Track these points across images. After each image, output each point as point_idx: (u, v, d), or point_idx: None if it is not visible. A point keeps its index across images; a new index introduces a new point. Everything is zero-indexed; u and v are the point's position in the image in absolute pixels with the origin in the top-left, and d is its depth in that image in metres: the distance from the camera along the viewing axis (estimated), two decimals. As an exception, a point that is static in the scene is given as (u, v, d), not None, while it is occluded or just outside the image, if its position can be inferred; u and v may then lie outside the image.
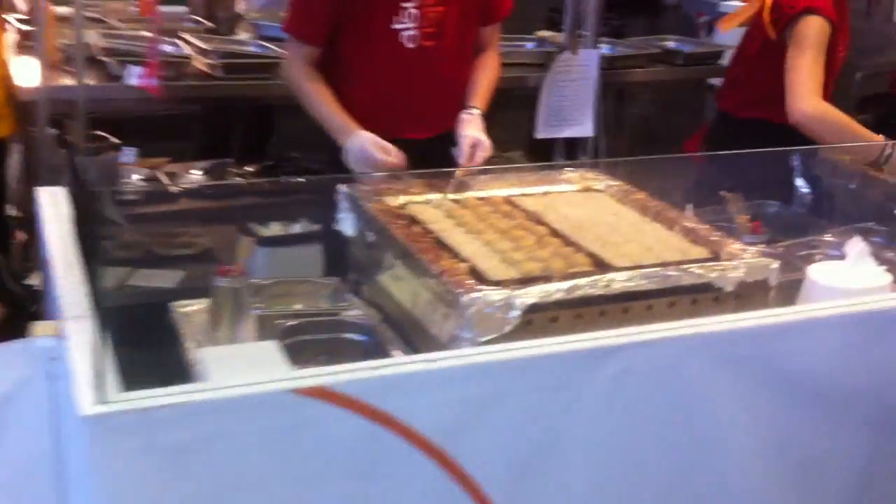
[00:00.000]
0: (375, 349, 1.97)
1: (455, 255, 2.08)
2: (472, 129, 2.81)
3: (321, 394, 1.40)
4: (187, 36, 3.89)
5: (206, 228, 4.58)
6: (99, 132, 4.68)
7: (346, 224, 2.44)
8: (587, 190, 2.57)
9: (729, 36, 4.85)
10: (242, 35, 4.24)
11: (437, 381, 1.49)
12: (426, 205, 2.39)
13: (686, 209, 2.60)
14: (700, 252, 2.14)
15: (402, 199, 2.41)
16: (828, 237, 2.57)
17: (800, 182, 2.94)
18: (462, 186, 2.54)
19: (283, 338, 1.97)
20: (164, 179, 4.55)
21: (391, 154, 2.66)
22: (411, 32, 2.78)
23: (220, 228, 4.49)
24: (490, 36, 3.04)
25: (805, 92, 2.92)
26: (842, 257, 2.39)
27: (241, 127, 5.55)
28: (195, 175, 4.63)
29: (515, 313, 1.86)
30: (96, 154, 4.53)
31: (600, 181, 2.62)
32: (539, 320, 1.92)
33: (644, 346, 1.63)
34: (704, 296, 2.05)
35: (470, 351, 1.55)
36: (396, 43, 2.78)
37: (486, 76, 2.99)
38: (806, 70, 2.95)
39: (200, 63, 3.69)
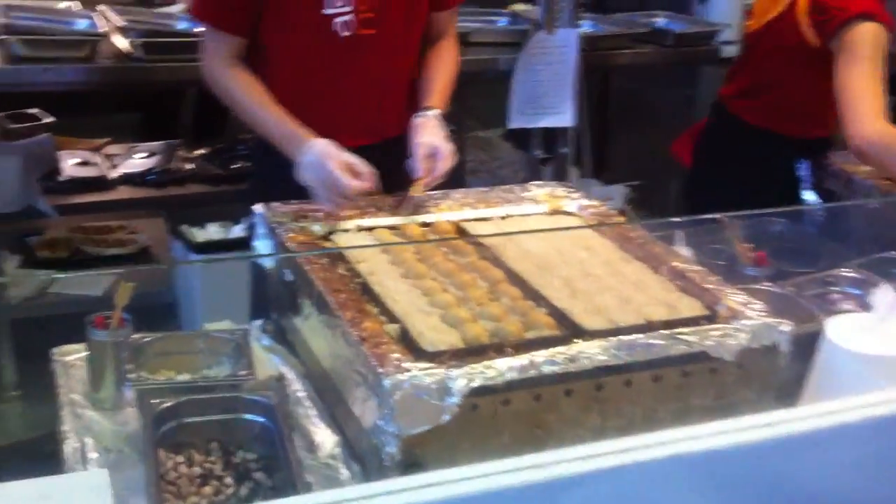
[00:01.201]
0: (274, 437, 1.54)
1: (384, 309, 1.65)
2: (428, 134, 2.27)
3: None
4: (105, 9, 3.41)
5: (146, 222, 4.15)
6: (29, 110, 4.24)
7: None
8: (556, 212, 2.14)
9: (725, 12, 4.41)
10: (175, 7, 3.75)
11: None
12: (356, 234, 1.96)
13: (676, 236, 2.18)
14: (692, 307, 1.72)
15: (327, 227, 1.98)
16: (845, 272, 2.15)
17: (809, 197, 2.51)
18: (402, 207, 2.10)
19: (161, 421, 1.54)
20: (103, 164, 4.11)
21: (362, 175, 2.09)
22: (346, 18, 2.30)
23: (161, 223, 4.06)
24: (445, 21, 2.54)
25: (865, 113, 2.43)
26: (863, 297, 1.99)
27: (192, 102, 5.10)
28: (138, 159, 4.18)
29: (453, 400, 1.44)
30: (28, 135, 4.09)
31: (573, 200, 2.19)
32: (487, 405, 1.50)
33: (614, 473, 1.20)
34: (698, 367, 1.63)
35: (370, 490, 1.12)
36: (328, 31, 2.29)
37: (442, 70, 2.48)
38: (863, 87, 2.47)
39: (118, 42, 3.21)
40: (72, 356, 1.93)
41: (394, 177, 2.25)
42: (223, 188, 3.99)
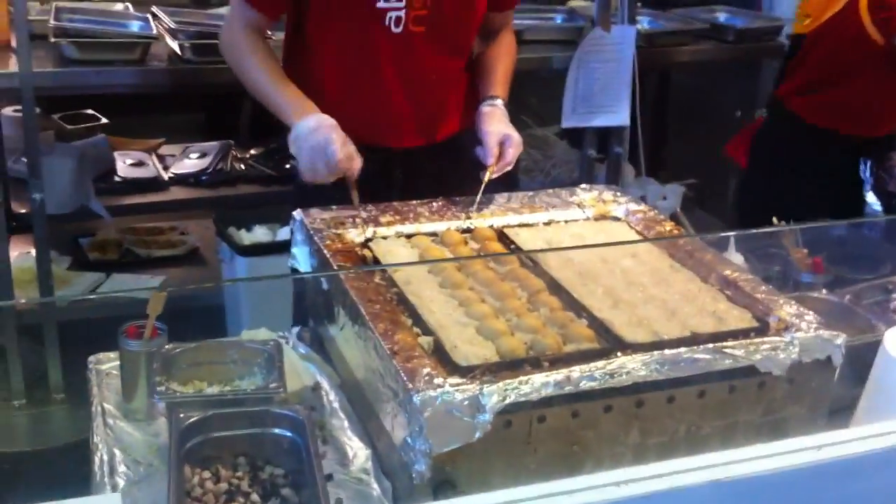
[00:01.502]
0: (303, 452, 1.50)
1: (418, 320, 1.60)
2: (497, 123, 2.25)
3: None
4: (158, 11, 3.40)
5: (197, 222, 4.16)
6: (86, 110, 4.27)
7: (301, 262, 1.97)
8: (602, 217, 2.07)
9: (794, 4, 4.28)
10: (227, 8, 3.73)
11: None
12: (395, 241, 1.91)
13: (729, 242, 2.10)
14: (741, 319, 1.64)
15: (367, 233, 1.93)
16: (907, 280, 2.05)
17: (871, 199, 2.40)
18: (443, 212, 2.05)
19: (188, 435, 1.51)
20: (156, 164, 4.11)
21: (353, 159, 2.08)
22: (399, 14, 2.24)
23: (209, 224, 4.05)
24: (505, 18, 2.50)
25: None
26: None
27: (250, 101, 5.09)
28: (192, 159, 4.19)
29: (485, 417, 1.38)
30: (84, 136, 4.12)
31: (620, 204, 2.11)
32: (521, 422, 1.44)
33: (650, 500, 1.13)
34: (746, 381, 1.55)
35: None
36: (380, 26, 2.23)
37: (503, 61, 2.44)
38: None
39: (170, 43, 3.20)
40: (107, 364, 1.91)
41: (445, 180, 2.21)
42: (274, 188, 3.98)
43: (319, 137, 2.07)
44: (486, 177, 2.13)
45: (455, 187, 2.16)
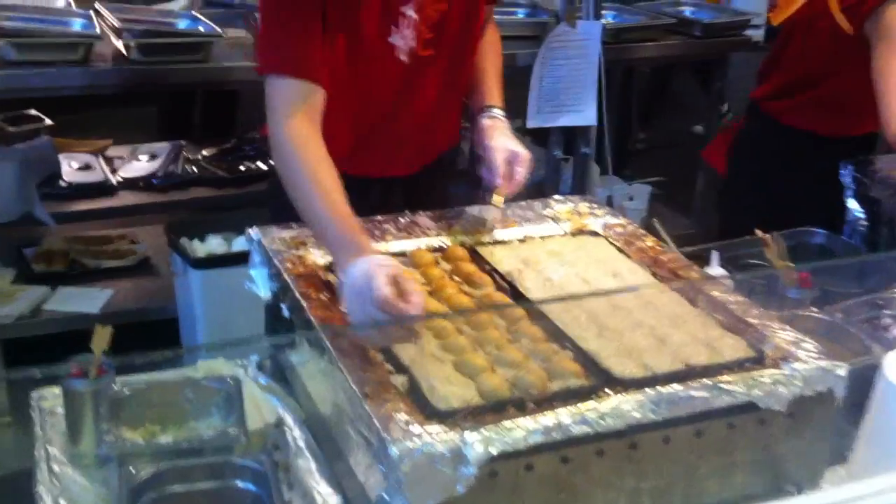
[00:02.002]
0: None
1: (390, 355, 1.48)
2: (500, 137, 2.01)
3: None
4: (102, 8, 3.23)
5: (148, 229, 3.98)
6: (29, 111, 4.08)
7: (260, 285, 1.84)
8: (580, 232, 1.95)
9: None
10: (176, 3, 3.57)
11: None
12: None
13: (711, 255, 2.00)
14: (736, 347, 1.53)
15: (328, 256, 1.79)
16: (899, 294, 1.96)
17: (852, 205, 2.32)
18: (409, 230, 1.92)
19: (140, 492, 1.38)
20: (104, 167, 3.93)
21: (411, 300, 1.52)
22: (410, 44, 2.03)
23: (161, 231, 3.89)
24: (490, 11, 2.33)
25: None
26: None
27: (200, 100, 4.91)
28: (142, 161, 4.01)
29: (469, 470, 1.26)
30: (28, 137, 3.93)
31: (597, 217, 2.00)
32: (507, 471, 1.32)
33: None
34: (745, 418, 1.44)
35: None
36: (390, 58, 2.04)
37: (493, 63, 2.26)
38: None
39: (114, 43, 3.04)
40: (52, 401, 1.75)
41: (443, 197, 2.16)
42: (228, 191, 3.82)
43: (360, 274, 1.58)
44: (498, 201, 1.91)
45: (453, 202, 2.06)
